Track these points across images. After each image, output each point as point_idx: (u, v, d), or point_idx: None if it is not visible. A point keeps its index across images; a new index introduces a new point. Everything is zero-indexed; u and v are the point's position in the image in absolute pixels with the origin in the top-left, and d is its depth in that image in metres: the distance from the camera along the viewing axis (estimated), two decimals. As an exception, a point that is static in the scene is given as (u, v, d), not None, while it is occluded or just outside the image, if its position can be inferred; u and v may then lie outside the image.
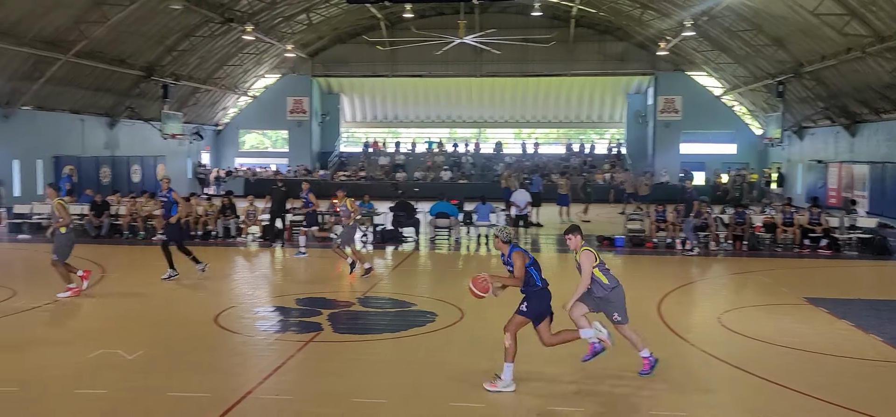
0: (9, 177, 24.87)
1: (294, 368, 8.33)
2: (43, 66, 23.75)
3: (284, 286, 13.76)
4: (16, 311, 10.94)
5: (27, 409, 6.89)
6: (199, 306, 11.66)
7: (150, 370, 8.06)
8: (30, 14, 21.31)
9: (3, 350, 8.95)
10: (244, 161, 42.16)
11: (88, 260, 15.87)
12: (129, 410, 6.87)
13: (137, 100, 31.07)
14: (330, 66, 41.14)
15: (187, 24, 28.15)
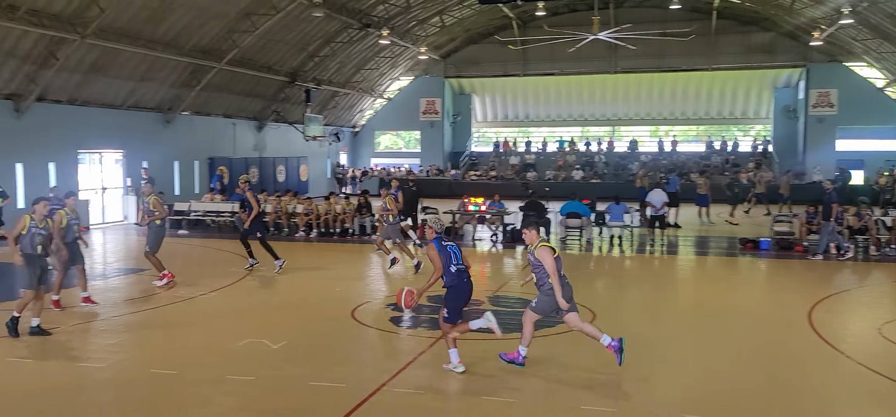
0: (170, 176, 27.05)
1: (426, 363, 8.49)
2: (200, 74, 25.68)
3: (417, 282, 14.03)
4: (175, 300, 11.88)
5: (186, 391, 7.47)
6: (337, 300, 12.14)
7: (293, 359, 8.48)
8: (188, 27, 23.09)
9: (164, 337, 9.75)
10: (379, 161, 43.53)
11: (237, 255, 16.97)
12: (274, 397, 7.27)
13: (282, 104, 32.90)
14: (462, 67, 41.63)
15: (328, 30, 29.46)
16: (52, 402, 7.13)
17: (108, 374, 8.01)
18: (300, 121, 33.73)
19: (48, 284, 9.68)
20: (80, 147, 22.65)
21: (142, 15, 20.92)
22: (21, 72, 19.55)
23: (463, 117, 43.68)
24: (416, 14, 32.17)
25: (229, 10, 23.55)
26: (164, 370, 8.03)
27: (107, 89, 22.95)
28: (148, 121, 25.57)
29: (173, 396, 7.30)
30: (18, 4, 17.38)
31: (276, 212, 21.55)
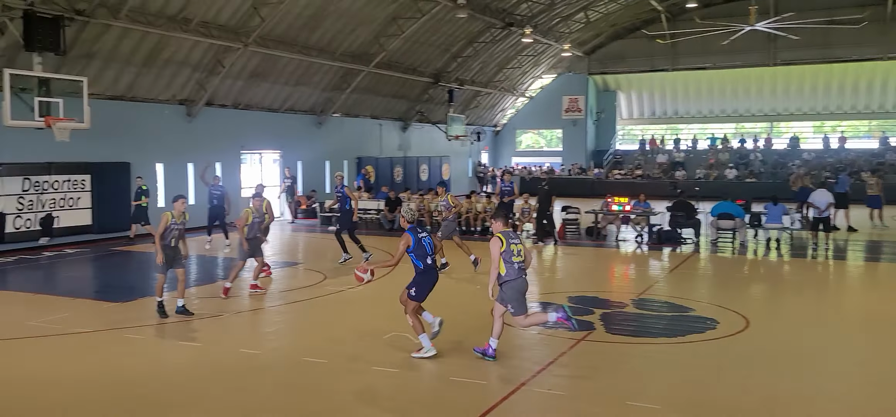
0: (321, 175, 28.48)
1: (566, 364, 8.38)
2: (349, 78, 26.84)
3: (557, 283, 13.90)
4: (325, 293, 12.48)
5: (335, 379, 7.83)
6: (476, 298, 12.24)
7: (436, 353, 8.64)
8: (339, 33, 24.20)
9: (315, 327, 10.28)
10: (520, 160, 43.48)
11: (382, 250, 17.55)
12: (416, 389, 7.46)
13: (426, 104, 33.69)
14: (606, 63, 40.70)
15: (471, 31, 29.81)
16: (215, 382, 7.71)
17: (264, 360, 8.55)
18: (443, 121, 34.37)
19: (182, 266, 10.63)
20: (242, 147, 24.36)
21: (298, 23, 22.17)
22: (192, 80, 21.33)
23: (607, 114, 42.68)
24: (560, 11, 31.82)
25: (377, 15, 24.43)
26: (315, 358, 8.46)
27: (266, 93, 24.53)
28: (302, 123, 27.07)
29: (324, 383, 7.67)
30: (191, 17, 18.96)
31: (418, 210, 22.09)
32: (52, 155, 17.32)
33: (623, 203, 19.96)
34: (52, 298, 12.08)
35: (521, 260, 8.22)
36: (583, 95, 41.16)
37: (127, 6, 17.04)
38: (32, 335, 9.62)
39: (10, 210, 16.77)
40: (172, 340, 9.64)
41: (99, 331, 9.80)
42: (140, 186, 18.56)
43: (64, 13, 15.81)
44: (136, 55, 18.95)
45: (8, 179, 16.71)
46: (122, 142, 19.45)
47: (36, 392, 7.39)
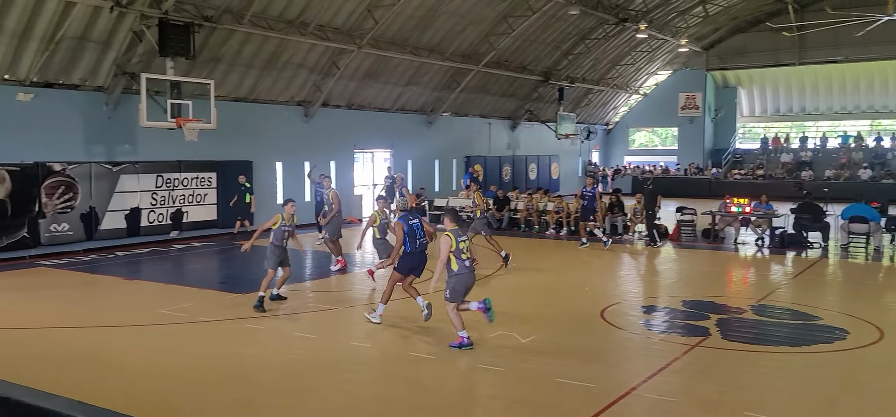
0: (431, 173, 28.88)
1: (679, 370, 8.09)
2: (459, 77, 27.05)
3: (670, 286, 13.44)
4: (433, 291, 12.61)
5: (442, 375, 7.93)
6: (585, 299, 12.05)
7: (542, 354, 8.58)
8: (449, 33, 24.44)
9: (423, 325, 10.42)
10: (633, 159, 42.36)
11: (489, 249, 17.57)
12: (522, 388, 7.42)
13: (535, 103, 33.44)
14: (726, 59, 38.93)
15: (583, 27, 29.34)
16: (328, 373, 7.98)
17: (374, 354, 8.77)
18: (552, 119, 34.02)
19: (289, 265, 11.21)
20: (355, 146, 25.08)
21: (409, 24, 22.57)
22: (309, 82, 22.17)
23: (726, 112, 40.82)
24: (677, 5, 30.74)
25: (488, 14, 24.48)
26: (423, 354, 8.59)
27: (378, 94, 25.14)
28: (412, 123, 27.54)
29: (432, 378, 7.78)
30: (308, 21, 19.71)
31: (527, 210, 21.97)
32: (181, 154, 18.48)
33: (743, 204, 19.06)
34: (180, 288, 12.89)
35: (469, 257, 8.90)
36: (700, 92, 39.57)
37: (250, 12, 17.92)
38: (162, 322, 10.31)
39: (144, 205, 18.05)
40: (288, 331, 10.05)
41: (221, 320, 10.37)
42: (243, 184, 19.28)
43: (194, 20, 16.83)
44: (257, 58, 19.90)
45: (143, 176, 17.98)
46: (244, 142, 20.48)
47: (162, 374, 7.91)
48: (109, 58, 16.70)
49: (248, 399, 7.14)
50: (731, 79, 40.56)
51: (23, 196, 15.56)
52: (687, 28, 33.70)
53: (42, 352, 8.79)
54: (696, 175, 37.72)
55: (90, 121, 17.22)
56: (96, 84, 17.10)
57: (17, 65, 15.47)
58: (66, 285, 13.27)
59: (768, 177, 35.25)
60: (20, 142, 15.72)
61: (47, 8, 14.78)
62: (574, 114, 35.46)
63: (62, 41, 15.54)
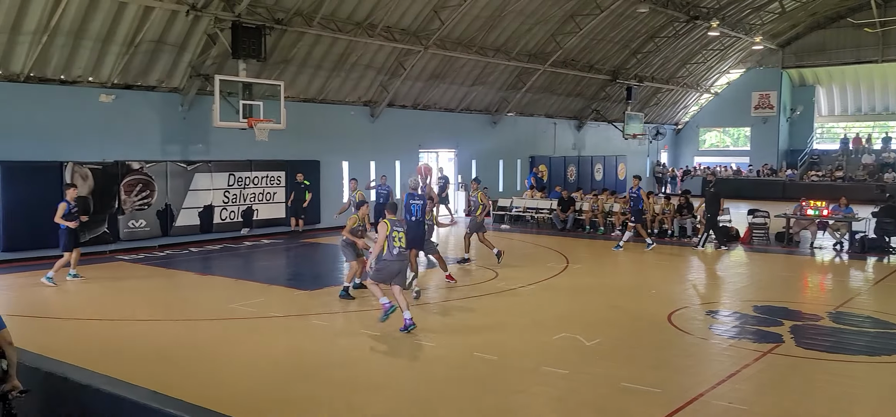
0: (495, 174, 28.82)
1: (750, 378, 7.84)
2: (525, 77, 26.91)
3: (741, 290, 13.04)
4: (497, 291, 12.63)
5: (506, 376, 7.91)
6: (652, 302, 11.82)
7: (607, 358, 8.47)
8: (515, 32, 24.34)
9: (486, 324, 10.43)
10: (703, 160, 41.26)
11: (554, 251, 17.45)
12: (586, 392, 7.33)
13: (602, 103, 32.96)
14: (803, 56, 37.50)
15: (652, 25, 28.76)
16: (393, 370, 8.07)
17: (438, 353, 8.82)
18: (620, 119, 33.47)
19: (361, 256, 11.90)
20: (420, 146, 25.25)
21: (476, 24, 22.59)
22: (376, 82, 22.45)
23: (804, 111, 39.33)
24: (751, 1, 29.80)
25: (555, 13, 24.27)
26: (487, 354, 8.58)
27: (443, 94, 25.25)
28: (477, 122, 27.55)
29: (495, 379, 7.77)
30: (376, 23, 19.96)
31: (592, 211, 21.69)
32: (252, 153, 19.00)
33: (820, 207, 18.35)
34: (251, 284, 13.26)
35: (400, 247, 9.62)
36: (775, 91, 38.25)
37: (320, 14, 18.27)
38: (233, 316, 10.63)
39: (217, 203, 18.63)
40: (354, 328, 10.21)
41: (289, 316, 10.61)
42: (302, 182, 19.57)
43: (265, 23, 17.27)
44: (326, 60, 20.27)
45: (216, 175, 18.56)
46: (312, 142, 20.90)
47: (232, 368, 8.15)
48: (185, 60, 17.32)
49: (313, 394, 7.29)
50: (809, 77, 39.05)
51: (104, 193, 16.30)
52: (762, 25, 32.63)
53: (120, 344, 9.19)
54: (769, 176, 36.50)
55: (166, 121, 17.88)
56: (172, 85, 17.75)
57: (100, 68, 16.20)
58: (142, 279, 13.83)
59: (848, 180, 33.80)
60: (102, 142, 16.46)
61: (128, 13, 15.42)
62: (642, 113, 34.80)
63: (141, 44, 16.19)
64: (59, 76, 15.77)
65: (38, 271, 14.24)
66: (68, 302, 11.70)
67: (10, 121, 15.10)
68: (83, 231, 14.68)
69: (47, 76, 15.59)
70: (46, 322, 10.44)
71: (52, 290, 12.52)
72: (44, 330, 9.93)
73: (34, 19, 14.29)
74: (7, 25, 14.11)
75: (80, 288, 12.74)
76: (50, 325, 10.24)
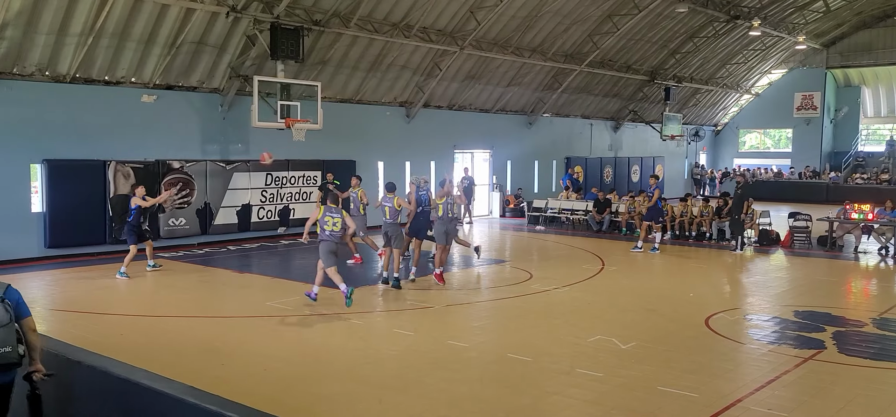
0: (530, 175, 28.70)
1: (790, 384, 7.68)
2: (561, 77, 26.74)
3: (782, 295, 12.77)
4: (530, 292, 12.57)
5: (540, 378, 7.87)
6: (689, 305, 11.65)
7: (643, 361, 8.36)
8: (552, 33, 24.20)
9: (520, 325, 10.38)
10: (743, 162, 40.53)
11: (589, 252, 17.31)
12: (621, 395, 7.25)
13: (640, 103, 32.58)
14: (849, 56, 36.59)
15: (691, 25, 28.34)
16: (426, 370, 8.08)
17: (472, 353, 8.81)
18: (657, 120, 33.06)
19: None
20: (455, 147, 25.26)
21: (512, 25, 22.52)
22: (412, 83, 22.52)
23: (849, 112, 38.38)
24: (794, 0, 29.19)
25: (592, 13, 24.08)
26: (520, 356, 8.55)
27: (479, 94, 25.22)
28: (512, 123, 27.46)
29: (528, 381, 7.74)
30: (412, 23, 20.03)
31: (628, 212, 21.45)
32: (289, 153, 19.20)
33: (865, 210, 17.89)
34: (287, 282, 13.41)
35: (333, 229, 10.91)
36: (819, 91, 37.40)
37: (357, 15, 18.41)
38: (269, 314, 10.76)
39: (255, 202, 18.88)
40: (388, 327, 10.26)
41: (324, 315, 10.71)
42: (331, 182, 19.61)
43: (303, 24, 17.46)
44: (362, 60, 20.40)
45: (254, 174, 18.81)
46: (348, 142, 21.05)
47: (268, 365, 8.25)
48: (225, 61, 17.59)
49: (348, 392, 7.34)
50: (854, 77, 38.11)
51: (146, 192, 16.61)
52: (805, 24, 31.93)
53: (160, 339, 9.38)
54: (811, 179, 35.70)
55: (206, 121, 18.18)
56: (212, 86, 18.04)
57: (143, 68, 16.54)
58: (182, 276, 14.08)
59: (894, 183, 32.87)
60: (144, 141, 16.80)
61: (170, 15, 15.72)
62: (681, 114, 34.32)
63: (182, 46, 16.49)
64: (103, 77, 16.15)
65: (81, 268, 14.61)
66: (109, 298, 11.97)
67: (56, 120, 15.50)
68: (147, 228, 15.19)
69: (92, 77, 15.97)
70: (89, 317, 10.69)
71: (94, 286, 12.83)
72: (85, 324, 10.18)
73: (80, 22, 14.65)
74: (54, 28, 14.49)
75: (121, 285, 13.03)
76: (92, 320, 10.49)
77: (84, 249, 15.80)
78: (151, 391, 4.80)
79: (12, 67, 14.72)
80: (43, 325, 10.08)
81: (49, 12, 14.17)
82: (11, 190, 15.05)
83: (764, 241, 18.76)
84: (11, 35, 14.10)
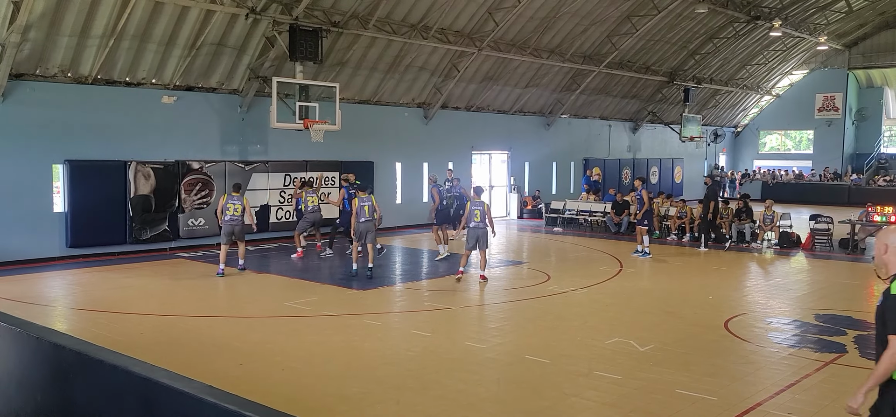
0: (549, 176, 28.62)
1: (811, 388, 7.59)
2: (579, 79, 26.65)
3: (802, 298, 12.63)
4: (548, 294, 12.53)
5: (558, 380, 7.84)
6: (709, 308, 11.56)
7: (661, 364, 8.31)
8: (570, 34, 24.12)
9: (538, 327, 10.36)
10: (763, 163, 40.17)
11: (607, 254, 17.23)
12: (639, 398, 7.21)
13: (659, 104, 32.39)
14: (871, 57, 36.16)
15: (711, 26, 28.15)
16: (444, 371, 8.09)
17: (490, 355, 8.80)
18: (677, 121, 32.85)
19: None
20: (473, 148, 25.26)
21: (530, 26, 22.48)
22: (430, 84, 22.55)
23: (871, 114, 37.90)
24: (816, 1, 28.88)
25: (611, 14, 23.98)
26: (538, 357, 8.53)
27: (497, 96, 25.19)
28: (530, 125, 27.40)
29: (546, 383, 7.72)
30: (430, 25, 20.06)
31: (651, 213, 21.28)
32: (308, 154, 19.30)
33: (888, 213, 17.66)
34: (305, 282, 13.47)
35: (232, 215, 13.89)
36: (841, 92, 36.99)
37: (375, 17, 18.46)
38: (288, 314, 10.82)
39: (273, 202, 18.99)
40: (406, 329, 10.27)
41: (342, 315, 10.75)
42: (353, 183, 19.62)
43: (322, 25, 17.54)
44: (381, 62, 20.46)
45: (273, 175, 18.92)
46: (366, 143, 21.12)
47: (287, 365, 8.29)
48: (244, 62, 17.72)
49: (365, 393, 7.36)
50: (877, 78, 37.64)
51: (165, 192, 16.80)
52: (827, 25, 31.60)
53: (180, 339, 9.46)
54: (832, 181, 35.29)
55: (225, 122, 18.32)
56: (231, 87, 18.18)
57: (163, 70, 16.70)
58: (201, 276, 14.19)
59: (918, 185, 32.45)
60: (163, 142, 16.96)
61: (190, 17, 15.87)
62: (700, 115, 34.08)
63: (202, 47, 16.63)
64: (124, 78, 16.32)
65: (102, 267, 14.78)
66: (130, 298, 12.09)
67: (78, 121, 15.69)
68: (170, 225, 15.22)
69: (114, 78, 16.15)
70: (109, 316, 10.81)
71: (115, 285, 12.97)
72: (106, 323, 10.29)
73: (101, 23, 14.82)
74: (77, 30, 14.68)
75: (141, 285, 13.16)
76: (113, 319, 10.60)
77: (105, 249, 15.98)
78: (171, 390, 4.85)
79: (35, 69, 14.93)
80: (64, 324, 10.24)
81: (71, 14, 14.35)
82: (34, 190, 15.25)
83: (784, 244, 18.58)
84: (35, 37, 14.30)
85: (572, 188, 29.11)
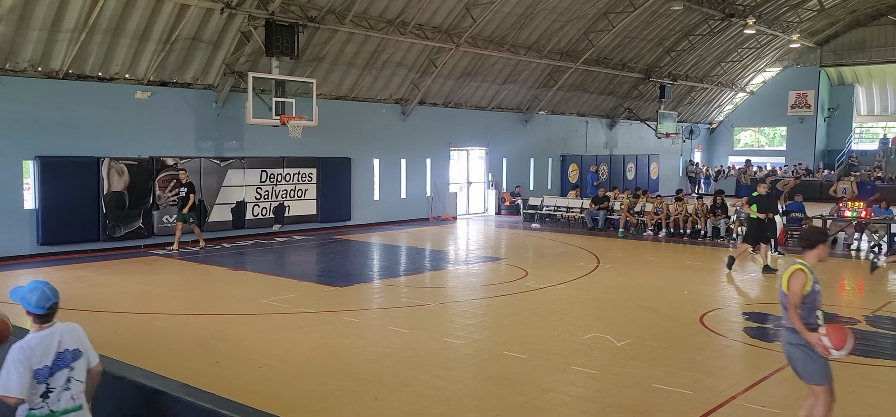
0: (526, 172, 28.71)
1: (784, 381, 7.70)
2: (557, 75, 26.75)
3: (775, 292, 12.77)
4: (525, 290, 12.58)
5: (535, 375, 7.88)
6: (684, 303, 11.68)
7: (637, 359, 8.38)
8: (548, 30, 24.20)
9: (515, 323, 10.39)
10: (737, 160, 40.65)
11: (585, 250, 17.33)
12: (616, 392, 7.27)
13: (635, 101, 32.63)
14: (843, 54, 36.74)
15: (686, 23, 28.40)
16: (421, 367, 8.09)
17: (467, 351, 8.81)
18: (653, 118, 33.12)
19: None
20: (451, 144, 25.25)
21: (507, 22, 22.50)
22: (407, 80, 22.50)
23: (842, 111, 38.52)
24: (788, -1, 29.30)
25: (587, 10, 24.09)
26: (516, 353, 8.56)
27: (474, 92, 25.21)
28: (508, 121, 27.46)
29: (524, 378, 7.75)
30: (408, 20, 20.00)
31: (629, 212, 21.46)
32: (284, 150, 19.17)
33: (859, 208, 17.97)
34: (282, 279, 13.39)
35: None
36: (813, 90, 37.55)
37: (352, 12, 18.37)
38: (265, 311, 10.74)
39: (249, 199, 18.84)
40: (384, 325, 10.25)
41: (320, 312, 10.70)
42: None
43: (299, 20, 17.41)
44: (358, 57, 20.37)
45: (249, 172, 18.77)
46: (344, 139, 21.03)
47: (264, 362, 8.23)
48: (219, 57, 17.53)
49: (344, 389, 7.34)
50: (848, 75, 38.26)
51: (139, 188, 16.59)
52: (799, 22, 32.03)
53: (155, 337, 9.35)
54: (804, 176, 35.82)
55: (201, 118, 18.13)
56: (206, 83, 17.99)
57: (137, 65, 16.48)
58: (176, 274, 14.04)
59: (888, 180, 33.01)
60: (137, 138, 16.75)
61: (164, 11, 15.67)
62: (675, 112, 34.40)
63: (177, 42, 16.44)
64: (96, 73, 16.08)
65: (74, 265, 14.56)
66: (104, 296, 11.93)
67: (49, 117, 15.43)
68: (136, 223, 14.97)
69: (86, 73, 15.91)
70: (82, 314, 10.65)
71: (88, 283, 12.78)
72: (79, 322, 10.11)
73: (73, 17, 14.58)
74: (47, 23, 14.42)
75: (114, 282, 12.99)
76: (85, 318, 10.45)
77: (78, 246, 15.75)
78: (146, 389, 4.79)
79: (5, 63, 14.66)
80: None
81: (41, 8, 14.11)
82: (3, 186, 14.99)
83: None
84: (4, 31, 14.04)
85: (549, 184, 29.23)
